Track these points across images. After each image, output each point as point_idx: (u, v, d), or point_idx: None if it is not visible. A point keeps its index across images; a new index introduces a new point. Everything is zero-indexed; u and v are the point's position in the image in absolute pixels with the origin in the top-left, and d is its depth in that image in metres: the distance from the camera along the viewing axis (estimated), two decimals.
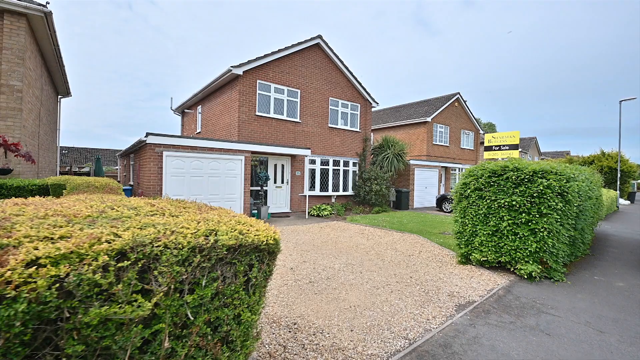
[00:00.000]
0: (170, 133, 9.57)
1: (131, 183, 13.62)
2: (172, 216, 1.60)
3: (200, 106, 15.79)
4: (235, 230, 1.46)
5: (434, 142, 21.35)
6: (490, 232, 5.47)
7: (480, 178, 5.70)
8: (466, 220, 5.88)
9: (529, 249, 5.03)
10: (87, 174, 15.53)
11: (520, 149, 35.24)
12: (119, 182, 17.75)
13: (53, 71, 11.19)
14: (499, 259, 5.42)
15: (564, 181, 4.98)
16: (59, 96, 14.14)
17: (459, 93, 22.70)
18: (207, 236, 1.33)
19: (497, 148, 8.44)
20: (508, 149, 8.17)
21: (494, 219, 5.44)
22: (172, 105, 18.24)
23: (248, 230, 1.50)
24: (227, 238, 1.35)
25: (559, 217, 4.92)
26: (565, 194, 4.97)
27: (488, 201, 5.51)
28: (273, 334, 3.19)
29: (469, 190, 5.84)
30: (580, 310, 4.07)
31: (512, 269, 5.34)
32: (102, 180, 7.11)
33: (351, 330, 3.30)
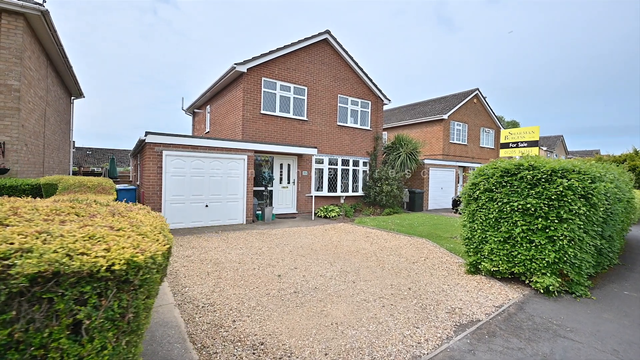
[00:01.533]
0: (185, 134, 9.39)
1: (138, 183, 13.65)
2: (4, 225, 1.23)
3: (208, 106, 15.70)
4: (65, 248, 1.06)
5: (451, 141, 20.41)
6: (502, 239, 4.85)
7: (491, 178, 5.09)
8: (475, 225, 5.27)
9: (547, 260, 4.39)
10: (99, 174, 15.75)
11: (545, 148, 33.43)
12: (130, 181, 17.98)
13: (62, 72, 11.31)
14: (512, 270, 4.79)
15: (588, 181, 4.31)
16: (72, 97, 14.39)
17: (478, 89, 21.62)
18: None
19: (515, 145, 7.68)
20: (527, 146, 7.42)
21: (506, 224, 4.82)
22: (183, 105, 18.29)
23: (87, 250, 1.10)
24: (33, 262, 0.95)
25: (581, 222, 4.27)
26: (590, 196, 4.30)
27: (499, 204, 4.90)
28: (234, 355, 2.79)
29: (478, 192, 5.24)
30: (606, 334, 3.43)
31: (527, 282, 4.71)
32: (95, 180, 6.98)
33: (325, 354, 2.84)
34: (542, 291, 4.47)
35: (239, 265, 5.57)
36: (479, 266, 5.21)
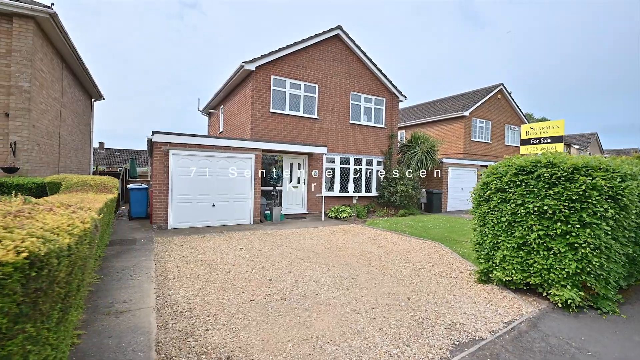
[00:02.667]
0: (192, 133, 9.33)
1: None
2: None
3: (222, 106, 15.75)
4: None
5: (472, 139, 19.43)
6: (516, 246, 4.33)
7: (504, 176, 4.57)
8: (486, 229, 4.77)
9: (567, 270, 3.84)
10: (118, 174, 16.17)
11: (577, 146, 31.34)
12: (148, 181, 18.41)
13: (79, 75, 11.63)
14: (527, 280, 4.26)
15: (618, 180, 3.73)
16: (92, 99, 14.85)
17: (502, 84, 20.48)
18: None
19: (537, 141, 7.00)
20: (550, 142, 6.73)
21: (520, 228, 4.29)
22: (199, 106, 18.51)
23: None
24: None
25: (609, 227, 3.69)
26: (620, 197, 3.72)
27: (513, 205, 4.38)
28: None
29: (489, 192, 4.73)
30: None
31: (544, 294, 4.17)
32: (98, 179, 7.00)
33: None
34: (560, 306, 3.92)
35: (233, 267, 5.35)
36: (491, 275, 4.70)
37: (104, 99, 15.18)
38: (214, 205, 9.57)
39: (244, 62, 10.88)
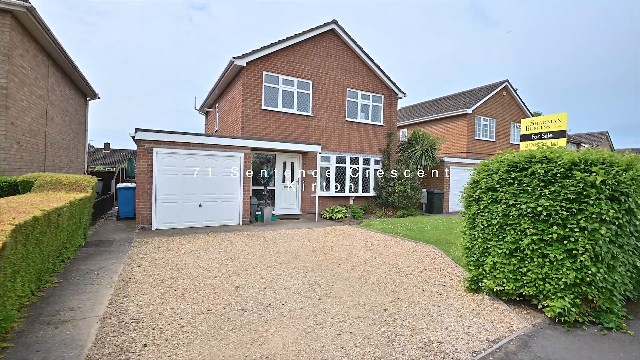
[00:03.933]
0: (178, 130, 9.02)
1: None
2: None
3: (217, 104, 15.46)
4: None
5: (476, 137, 18.79)
6: (507, 251, 3.86)
7: (495, 173, 4.11)
8: (475, 233, 4.30)
9: (564, 280, 3.36)
10: (113, 173, 15.97)
11: (587, 145, 30.30)
12: None
13: (69, 73, 11.44)
14: (521, 291, 3.79)
15: (622, 176, 3.24)
16: (87, 98, 14.69)
17: (507, 80, 19.78)
18: None
19: (538, 136, 6.48)
20: (552, 137, 6.23)
21: (512, 232, 3.82)
22: (195, 105, 18.25)
23: None
24: None
25: (611, 231, 3.21)
26: (624, 196, 3.23)
27: (504, 206, 3.91)
28: None
29: (479, 191, 4.27)
30: None
31: (539, 306, 3.69)
32: (73, 178, 6.73)
33: None
34: (557, 320, 3.45)
35: (203, 272, 4.98)
36: (481, 283, 4.24)
37: (99, 98, 15.02)
38: (200, 206, 9.23)
39: (233, 58, 10.54)
